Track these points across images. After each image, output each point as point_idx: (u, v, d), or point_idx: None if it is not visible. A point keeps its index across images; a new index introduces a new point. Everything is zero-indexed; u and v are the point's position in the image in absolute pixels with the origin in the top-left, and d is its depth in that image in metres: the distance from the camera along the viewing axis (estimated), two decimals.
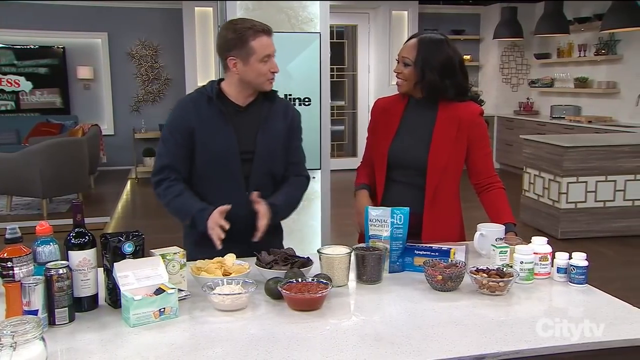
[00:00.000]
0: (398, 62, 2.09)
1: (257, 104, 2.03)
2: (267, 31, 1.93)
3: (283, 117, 2.06)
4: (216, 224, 1.83)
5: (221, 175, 1.98)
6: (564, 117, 8.04)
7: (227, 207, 1.86)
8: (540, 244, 1.75)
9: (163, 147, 2.01)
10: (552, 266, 1.73)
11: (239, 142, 1.97)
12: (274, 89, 2.04)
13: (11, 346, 1.11)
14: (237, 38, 1.90)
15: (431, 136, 2.06)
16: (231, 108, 1.99)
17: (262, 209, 1.91)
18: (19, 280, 1.36)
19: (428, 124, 2.07)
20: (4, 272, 1.39)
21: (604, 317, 1.47)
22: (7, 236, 1.41)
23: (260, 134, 2.00)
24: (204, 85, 2.04)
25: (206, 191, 1.99)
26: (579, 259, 1.68)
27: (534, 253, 1.71)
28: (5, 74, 8.49)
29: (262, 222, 1.90)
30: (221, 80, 2.04)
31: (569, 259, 1.70)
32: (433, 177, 2.05)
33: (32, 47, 8.53)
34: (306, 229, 3.39)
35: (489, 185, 2.11)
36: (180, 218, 1.99)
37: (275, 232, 2.10)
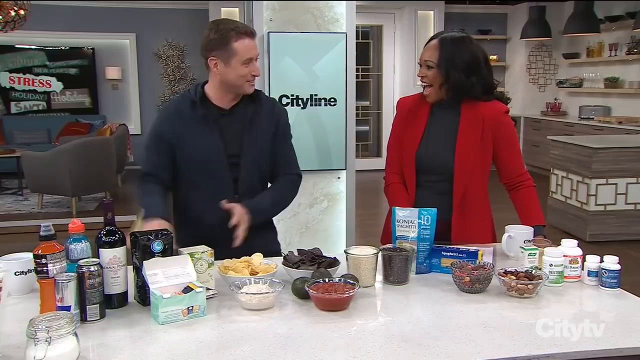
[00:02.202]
0: (421, 66, 2.05)
1: (242, 105, 1.99)
2: (250, 33, 1.89)
3: (269, 117, 2.03)
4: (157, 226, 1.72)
5: (209, 180, 1.96)
6: (593, 118, 7.89)
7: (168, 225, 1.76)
8: (570, 246, 1.72)
9: (146, 154, 2.02)
10: (582, 269, 1.71)
11: (225, 145, 1.95)
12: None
13: (46, 340, 1.14)
14: (219, 39, 1.88)
15: (456, 140, 2.03)
16: (215, 111, 1.97)
17: (237, 214, 1.87)
18: (53, 277, 1.40)
19: (452, 126, 2.05)
20: (39, 269, 1.43)
21: (638, 322, 1.44)
22: (41, 233, 1.44)
23: (246, 136, 1.97)
24: (188, 89, 2.03)
25: (196, 197, 1.97)
26: (611, 262, 1.64)
27: (564, 255, 1.69)
28: (37, 74, 8.70)
29: (241, 227, 1.85)
30: (205, 83, 2.01)
31: (601, 262, 1.67)
32: (460, 181, 2.03)
33: (63, 48, 8.72)
34: (331, 229, 3.39)
35: (520, 183, 2.08)
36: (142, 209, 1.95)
37: (266, 231, 2.09)
